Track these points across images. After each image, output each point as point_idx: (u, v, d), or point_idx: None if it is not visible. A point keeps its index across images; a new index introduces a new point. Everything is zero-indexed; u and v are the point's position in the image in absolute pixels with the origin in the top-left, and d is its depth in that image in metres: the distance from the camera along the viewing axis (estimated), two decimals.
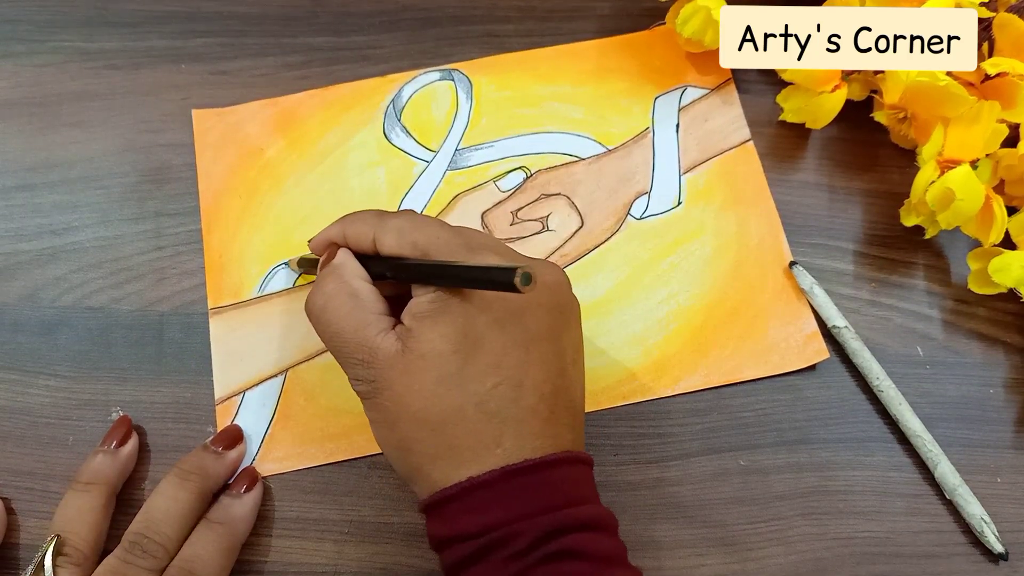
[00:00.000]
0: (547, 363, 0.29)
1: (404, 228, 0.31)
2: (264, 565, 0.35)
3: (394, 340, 0.29)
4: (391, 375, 0.29)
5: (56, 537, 0.32)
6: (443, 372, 0.28)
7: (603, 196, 0.41)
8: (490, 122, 0.43)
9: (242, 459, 0.36)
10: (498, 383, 0.28)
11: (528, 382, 0.29)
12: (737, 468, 0.36)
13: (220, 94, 0.43)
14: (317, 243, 0.35)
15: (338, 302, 0.31)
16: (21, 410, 0.37)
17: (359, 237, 0.32)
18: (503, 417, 0.28)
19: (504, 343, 0.29)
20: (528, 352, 0.29)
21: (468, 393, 0.28)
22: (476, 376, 0.28)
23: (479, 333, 0.28)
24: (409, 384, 0.28)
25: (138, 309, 0.39)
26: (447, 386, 0.28)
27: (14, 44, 0.44)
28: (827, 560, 0.35)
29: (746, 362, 0.38)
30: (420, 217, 0.32)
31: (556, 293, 0.31)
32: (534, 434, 0.28)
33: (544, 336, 0.29)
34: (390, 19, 0.45)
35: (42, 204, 0.41)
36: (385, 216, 0.32)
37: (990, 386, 0.38)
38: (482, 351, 0.28)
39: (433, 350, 0.28)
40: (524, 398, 0.28)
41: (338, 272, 0.32)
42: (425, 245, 0.30)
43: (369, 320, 0.30)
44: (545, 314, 0.30)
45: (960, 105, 0.36)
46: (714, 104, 0.43)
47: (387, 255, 0.31)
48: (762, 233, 0.40)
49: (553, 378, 0.29)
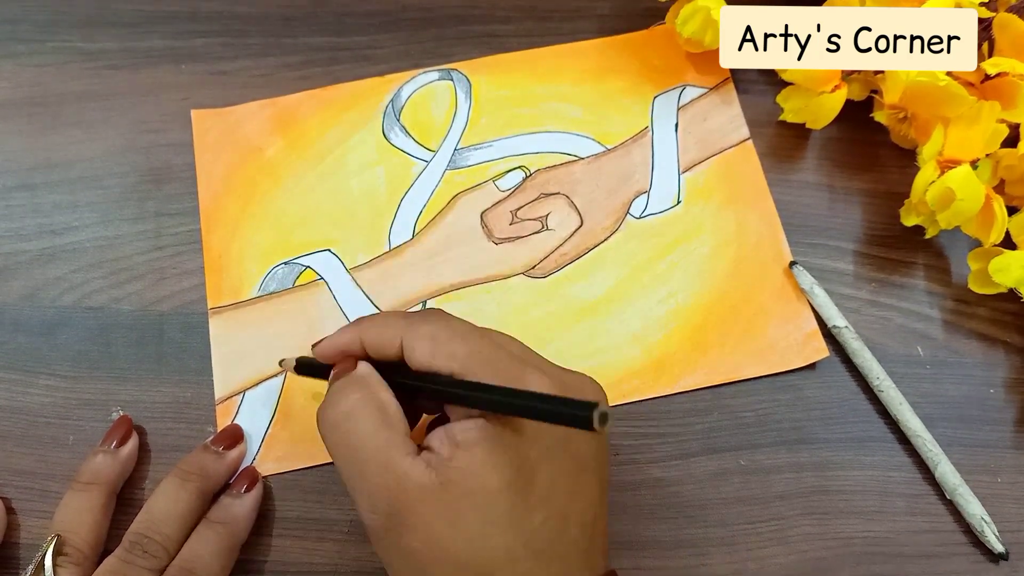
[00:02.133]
0: (590, 492, 0.28)
1: (439, 336, 0.27)
2: (264, 565, 0.35)
3: (424, 468, 0.26)
4: (424, 511, 0.25)
5: (56, 537, 0.32)
6: (492, 513, 0.25)
7: (602, 195, 0.41)
8: (489, 122, 0.43)
9: (242, 459, 0.36)
10: (546, 518, 0.26)
11: (573, 514, 0.27)
12: (737, 468, 0.36)
13: (220, 94, 0.43)
14: (326, 348, 0.30)
15: (363, 415, 0.27)
16: (21, 410, 0.37)
17: (382, 343, 0.29)
18: (548, 555, 0.26)
19: (552, 475, 0.26)
20: (576, 482, 0.27)
21: (517, 533, 0.25)
22: (524, 514, 0.26)
23: (531, 465, 0.26)
24: (451, 525, 0.25)
25: (138, 309, 0.39)
26: (496, 527, 0.25)
27: (14, 44, 0.44)
28: (827, 560, 0.35)
29: (746, 361, 0.38)
30: (455, 323, 0.29)
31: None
32: (574, 568, 0.27)
33: (590, 465, 0.28)
34: (390, 19, 0.45)
35: (42, 204, 0.41)
36: (414, 320, 0.29)
37: (990, 386, 0.38)
38: (533, 486, 0.26)
39: (483, 486, 0.25)
40: (569, 531, 0.26)
41: (363, 382, 0.28)
42: (465, 358, 0.27)
43: (397, 441, 0.27)
44: (591, 440, 0.28)
45: (960, 105, 0.35)
46: (713, 103, 0.43)
47: (418, 368, 0.28)
48: (761, 232, 0.40)
49: (594, 506, 0.28)
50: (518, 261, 0.40)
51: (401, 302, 0.39)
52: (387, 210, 0.41)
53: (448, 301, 0.39)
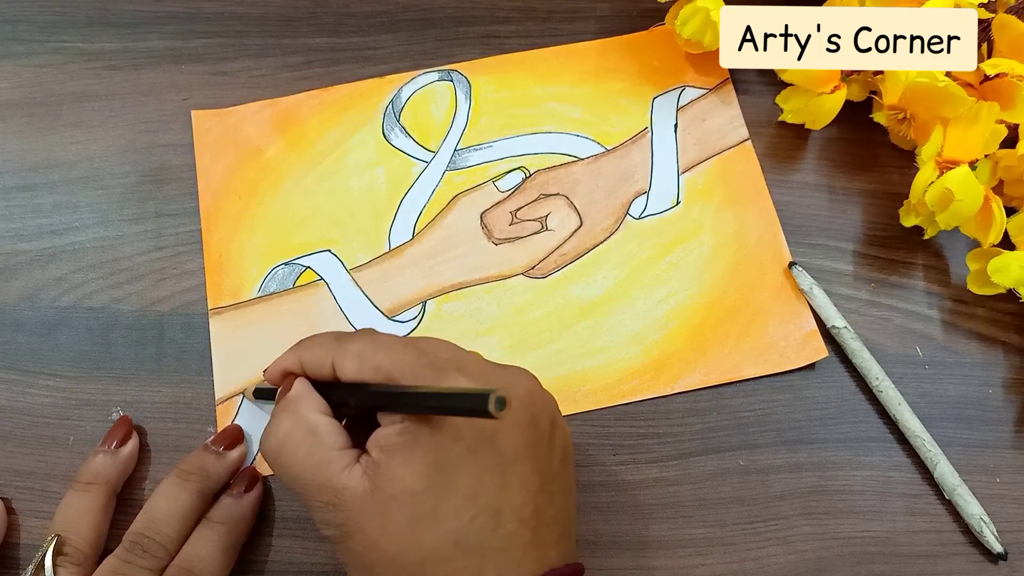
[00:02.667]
0: (526, 484, 0.28)
1: (365, 352, 0.29)
2: (265, 564, 0.35)
3: (360, 477, 0.27)
4: (361, 518, 0.27)
5: (56, 537, 0.32)
6: (417, 512, 0.26)
7: (602, 196, 0.41)
8: (489, 122, 0.43)
9: (243, 459, 0.36)
10: (475, 515, 0.27)
11: (507, 508, 0.27)
12: (736, 468, 0.36)
13: (220, 95, 0.43)
14: (272, 372, 0.32)
15: (295, 441, 0.29)
16: (21, 410, 0.37)
17: (316, 363, 0.30)
18: (483, 551, 0.27)
19: (479, 471, 0.27)
20: (504, 476, 0.27)
21: (445, 531, 0.26)
22: (452, 512, 0.27)
23: (452, 464, 0.27)
24: (382, 527, 0.27)
25: (138, 309, 0.39)
26: (423, 526, 0.26)
27: (14, 45, 0.44)
28: (827, 560, 0.35)
29: (745, 361, 0.38)
30: (382, 337, 0.30)
31: (529, 405, 0.29)
32: (516, 561, 0.27)
33: (521, 456, 0.28)
34: (390, 20, 0.45)
35: (42, 204, 0.41)
36: (343, 339, 0.30)
37: (989, 386, 0.38)
38: (457, 484, 0.27)
39: (405, 489, 0.27)
40: (503, 526, 0.27)
41: (293, 407, 0.30)
42: (389, 369, 0.28)
43: (331, 458, 0.28)
44: (519, 432, 0.28)
45: (959, 106, 0.36)
46: (712, 104, 0.43)
47: (348, 381, 0.29)
48: (760, 232, 0.40)
49: (533, 498, 0.28)
50: (518, 261, 0.40)
51: (401, 302, 0.39)
52: (387, 210, 0.41)
53: (448, 301, 0.39)
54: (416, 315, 0.39)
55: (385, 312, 0.39)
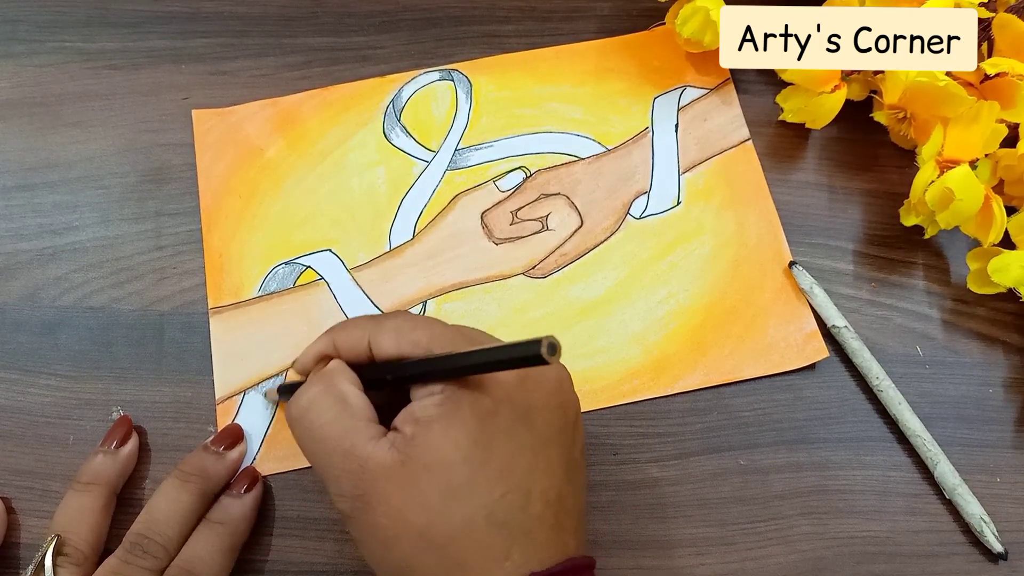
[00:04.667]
0: (553, 468, 0.28)
1: (402, 327, 0.29)
2: (265, 564, 0.35)
3: (387, 449, 0.27)
4: (387, 488, 0.27)
5: (56, 537, 0.32)
6: (451, 483, 0.26)
7: (602, 196, 0.41)
8: (490, 122, 0.43)
9: (243, 459, 0.36)
10: (507, 492, 0.27)
11: (536, 489, 0.27)
12: (736, 468, 0.36)
13: (220, 94, 0.43)
14: (304, 360, 0.32)
15: (323, 407, 0.29)
16: (21, 410, 0.37)
17: (352, 343, 0.30)
18: (511, 529, 0.26)
19: (513, 449, 0.27)
20: (536, 457, 0.28)
21: (477, 505, 0.26)
22: (485, 486, 0.26)
23: (489, 439, 0.27)
24: (411, 498, 0.26)
25: (138, 309, 0.39)
26: (456, 498, 0.26)
27: (14, 44, 0.44)
28: (827, 560, 0.35)
29: (745, 361, 0.38)
30: (416, 316, 0.31)
31: (560, 392, 0.29)
32: (541, 544, 0.27)
33: (551, 439, 0.28)
34: (390, 19, 0.45)
35: (42, 204, 0.41)
36: (379, 318, 0.31)
37: (989, 386, 0.38)
38: (492, 459, 0.27)
39: (442, 459, 0.27)
40: (531, 506, 0.27)
41: (327, 377, 0.30)
42: (428, 343, 0.29)
43: (358, 427, 0.28)
44: (552, 415, 0.29)
45: (959, 105, 0.36)
46: (713, 104, 0.43)
47: (385, 358, 0.29)
48: (761, 232, 0.40)
49: (559, 483, 0.28)
50: (518, 261, 0.40)
51: (401, 302, 0.39)
52: (388, 210, 0.41)
53: (448, 301, 0.39)
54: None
55: (385, 311, 0.39)
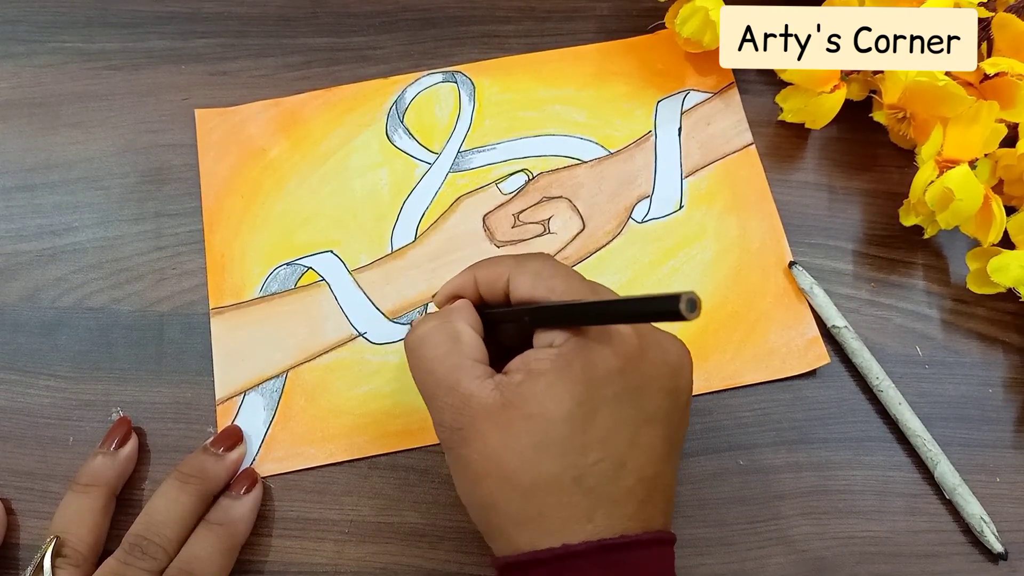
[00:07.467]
0: (654, 447, 0.28)
1: (543, 272, 0.30)
2: (264, 565, 0.35)
3: (491, 389, 0.28)
4: (485, 427, 0.27)
5: (55, 538, 0.32)
6: (546, 437, 0.27)
7: (605, 199, 0.41)
8: (493, 124, 0.43)
9: (242, 460, 0.36)
10: (600, 460, 0.27)
11: (631, 464, 0.27)
12: (736, 468, 0.36)
13: (220, 95, 0.43)
14: (443, 294, 0.33)
15: (435, 341, 0.29)
16: (21, 410, 0.37)
17: (493, 278, 0.31)
18: (599, 494, 0.27)
19: (616, 420, 0.27)
20: (638, 433, 0.28)
21: (567, 464, 0.27)
22: (579, 448, 0.27)
23: (593, 405, 0.27)
24: (505, 441, 0.27)
25: (138, 309, 0.39)
26: (548, 453, 0.27)
27: (14, 45, 0.44)
28: (827, 560, 0.35)
29: (747, 367, 0.38)
30: (559, 264, 0.31)
31: (677, 376, 0.29)
32: (627, 515, 0.27)
33: (657, 419, 0.28)
34: (390, 20, 0.45)
35: (42, 204, 0.41)
36: (522, 259, 0.31)
37: (989, 386, 0.38)
38: (592, 425, 0.27)
39: (542, 412, 0.27)
40: (624, 479, 0.27)
41: (446, 313, 0.31)
42: (564, 291, 0.29)
43: (465, 365, 0.29)
44: (663, 396, 0.28)
45: (959, 105, 0.36)
46: (716, 108, 0.43)
47: (520, 299, 0.30)
48: (763, 237, 0.40)
49: (656, 463, 0.28)
50: None
51: (403, 304, 0.39)
52: (390, 212, 0.41)
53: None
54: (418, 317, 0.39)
55: (387, 313, 0.39)
